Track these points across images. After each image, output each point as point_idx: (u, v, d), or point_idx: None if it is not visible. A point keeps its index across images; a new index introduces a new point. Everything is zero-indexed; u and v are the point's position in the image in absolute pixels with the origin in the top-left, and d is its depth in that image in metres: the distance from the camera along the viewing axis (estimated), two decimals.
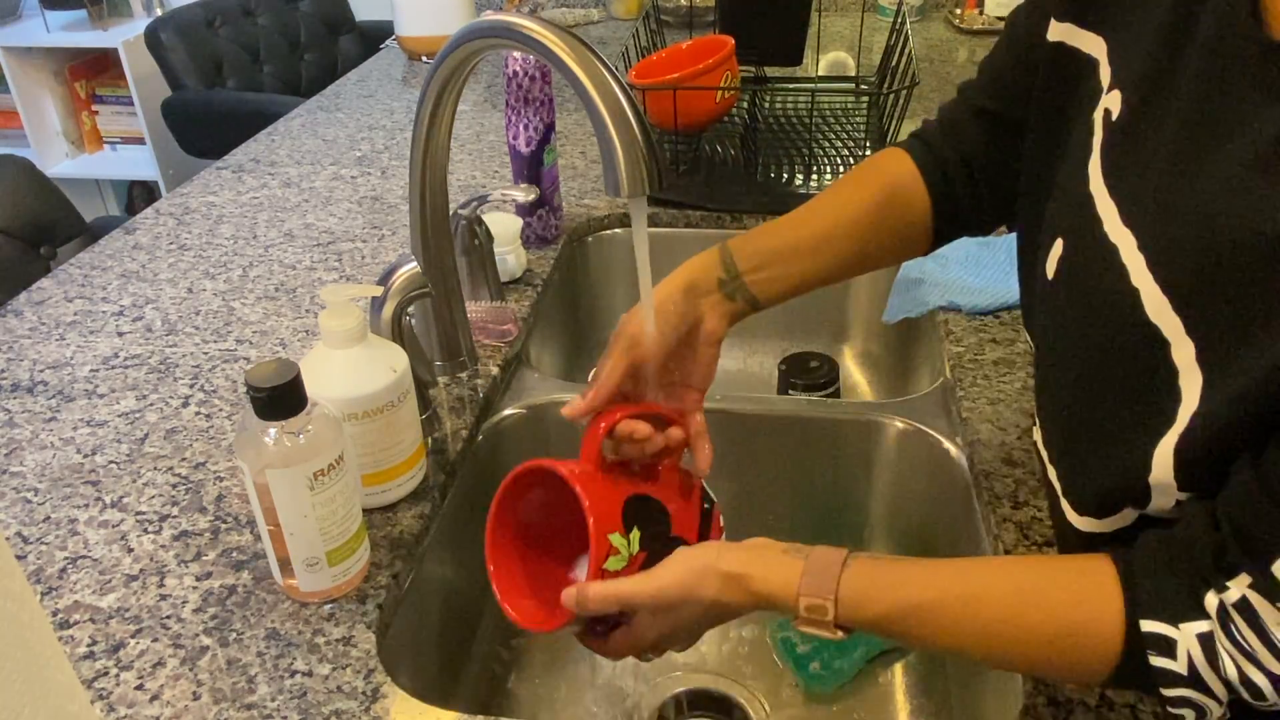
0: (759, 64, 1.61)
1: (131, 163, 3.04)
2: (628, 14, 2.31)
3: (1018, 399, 0.91)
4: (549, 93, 1.13)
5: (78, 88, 2.98)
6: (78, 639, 0.69)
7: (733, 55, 1.31)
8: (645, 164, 0.64)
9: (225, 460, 0.86)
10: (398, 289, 0.84)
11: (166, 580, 0.73)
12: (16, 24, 2.88)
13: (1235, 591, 0.49)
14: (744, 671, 0.95)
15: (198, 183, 1.43)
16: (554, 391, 1.01)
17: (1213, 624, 0.50)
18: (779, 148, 1.43)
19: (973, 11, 2.14)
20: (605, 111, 0.63)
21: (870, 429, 0.98)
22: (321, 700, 0.64)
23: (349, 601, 0.71)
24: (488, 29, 0.71)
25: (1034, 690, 0.64)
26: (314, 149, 1.55)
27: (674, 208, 1.30)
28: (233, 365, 0.99)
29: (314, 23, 2.80)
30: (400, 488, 0.80)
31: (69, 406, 0.93)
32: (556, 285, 1.21)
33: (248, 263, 1.19)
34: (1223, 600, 0.49)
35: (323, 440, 0.65)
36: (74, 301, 1.12)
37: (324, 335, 0.73)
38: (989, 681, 0.76)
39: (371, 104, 1.76)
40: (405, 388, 0.76)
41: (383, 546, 0.77)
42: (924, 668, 0.93)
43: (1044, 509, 0.78)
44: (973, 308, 1.05)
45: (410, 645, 0.78)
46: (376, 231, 1.26)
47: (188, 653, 0.67)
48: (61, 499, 0.82)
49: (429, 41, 2.00)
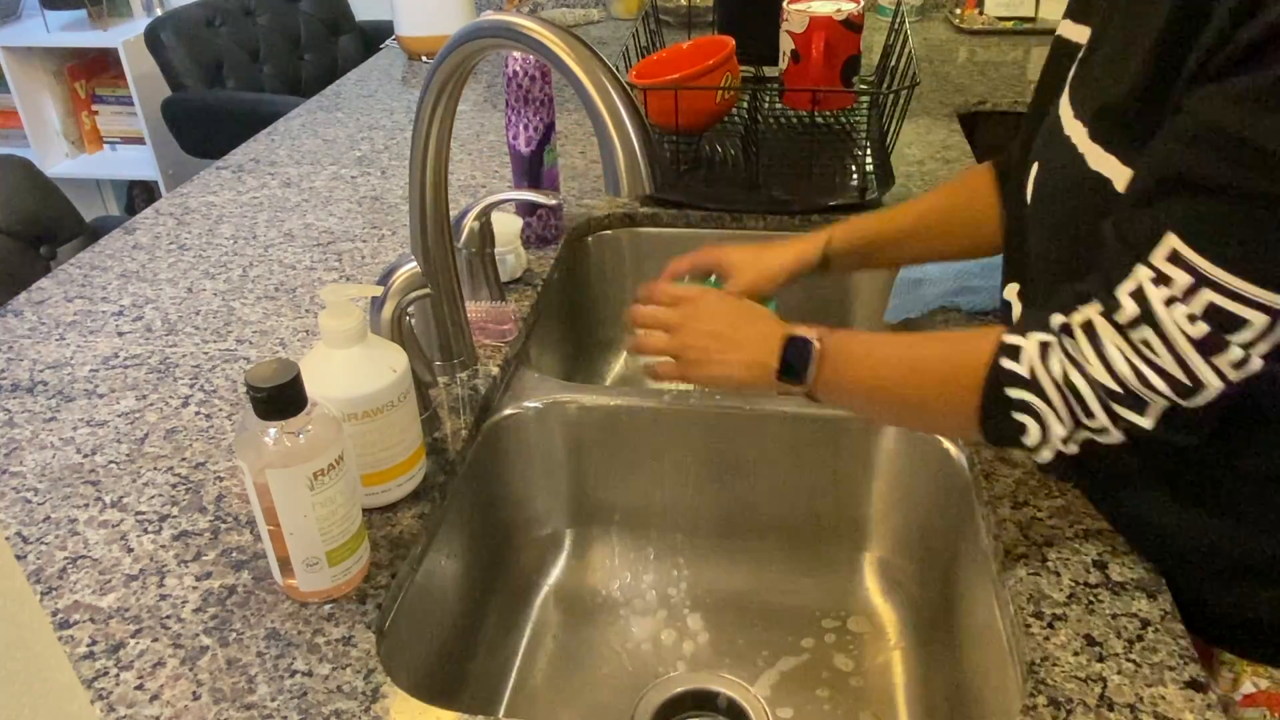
0: (759, 64, 1.61)
1: (131, 163, 3.04)
2: (628, 14, 2.31)
3: None
4: (549, 93, 1.13)
5: (77, 88, 2.98)
6: (78, 639, 0.69)
7: (733, 55, 1.31)
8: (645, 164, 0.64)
9: (225, 460, 0.86)
10: (398, 289, 0.84)
11: (166, 580, 0.73)
12: (16, 24, 2.88)
13: (1081, 315, 0.60)
14: (744, 671, 0.95)
15: (198, 183, 1.43)
16: (554, 391, 1.01)
17: (1053, 336, 0.62)
18: (779, 148, 1.43)
19: (972, 11, 2.13)
20: (605, 111, 0.64)
21: (870, 429, 0.98)
22: (321, 700, 0.64)
23: (349, 601, 0.71)
24: (488, 29, 0.72)
25: (1034, 690, 0.64)
26: (314, 149, 1.55)
27: (674, 208, 1.30)
28: (233, 365, 0.99)
29: (314, 23, 2.80)
30: (400, 488, 0.80)
31: (69, 406, 0.93)
32: (556, 285, 1.21)
33: (248, 263, 1.19)
34: (1068, 321, 0.61)
35: (323, 440, 0.65)
36: (74, 301, 1.12)
37: (324, 335, 0.73)
38: (989, 681, 0.76)
39: (371, 104, 1.76)
40: (405, 388, 0.76)
41: (383, 546, 0.77)
42: (924, 667, 0.93)
43: (1044, 509, 0.79)
44: (973, 308, 1.05)
45: (410, 645, 0.78)
46: (376, 231, 1.26)
47: (188, 653, 0.67)
48: (61, 499, 0.82)
49: (429, 41, 2.00)
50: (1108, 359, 0.59)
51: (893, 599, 1.01)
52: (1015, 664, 0.69)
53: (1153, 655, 0.65)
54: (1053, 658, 0.66)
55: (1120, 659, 0.65)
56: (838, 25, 1.36)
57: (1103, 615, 0.69)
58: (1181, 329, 0.56)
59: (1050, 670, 0.65)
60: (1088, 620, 0.68)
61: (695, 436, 1.00)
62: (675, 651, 0.97)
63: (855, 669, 0.95)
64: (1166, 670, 0.64)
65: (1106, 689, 0.63)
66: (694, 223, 1.30)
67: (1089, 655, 0.66)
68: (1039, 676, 0.65)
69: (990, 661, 0.76)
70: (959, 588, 0.88)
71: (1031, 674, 0.65)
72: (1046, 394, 0.62)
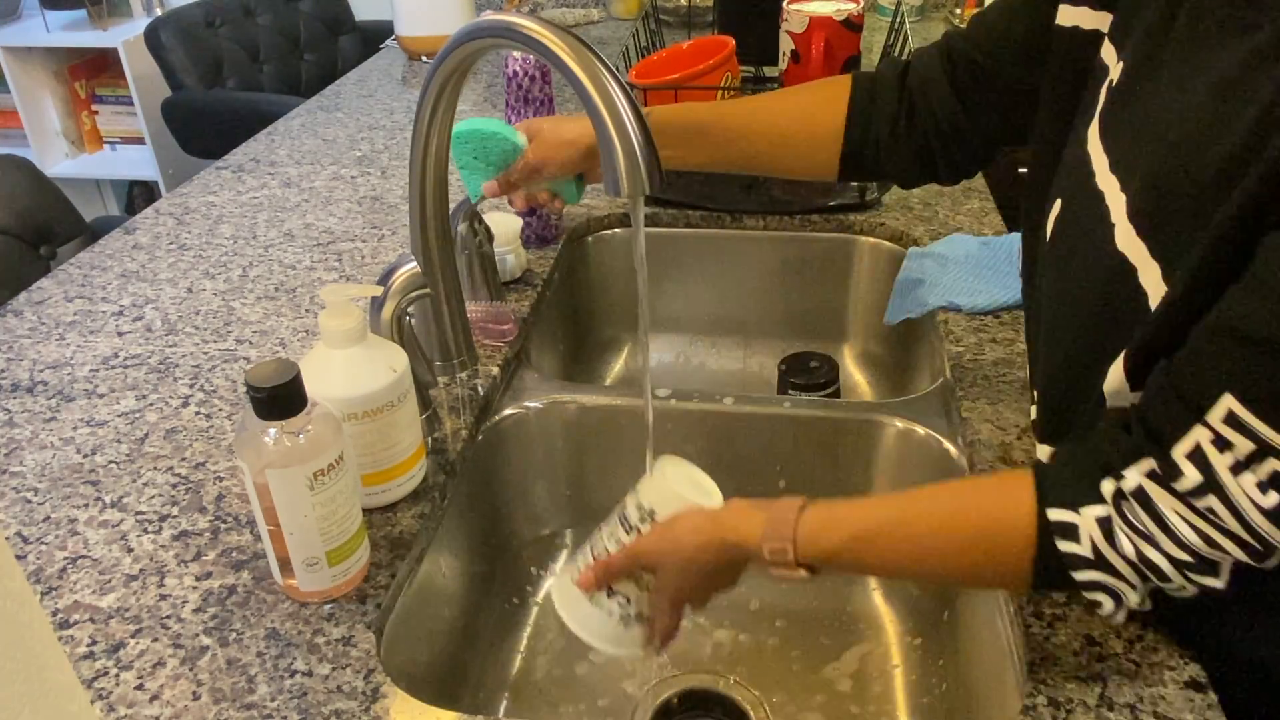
0: (759, 64, 1.61)
1: (131, 163, 3.04)
2: (628, 14, 2.31)
3: (1018, 399, 0.91)
4: (549, 93, 1.13)
5: (77, 87, 2.98)
6: (78, 639, 0.69)
7: (733, 55, 1.31)
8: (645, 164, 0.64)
9: (225, 460, 0.86)
10: (398, 289, 0.84)
11: (166, 580, 0.73)
12: (16, 24, 2.88)
13: (1132, 479, 0.54)
14: (744, 671, 0.95)
15: (198, 183, 1.43)
16: (554, 391, 1.01)
17: (1109, 509, 0.55)
18: None
19: (972, 11, 2.13)
20: (605, 111, 0.63)
21: (870, 429, 0.98)
22: (321, 700, 0.64)
23: (349, 601, 0.71)
24: (488, 29, 0.71)
25: (1034, 690, 0.64)
26: (314, 149, 1.55)
27: (674, 208, 1.30)
28: (233, 365, 0.99)
29: (314, 23, 2.80)
30: (400, 488, 0.80)
31: (69, 406, 0.93)
32: (556, 285, 1.21)
33: (248, 263, 1.19)
34: (1119, 487, 0.54)
35: (323, 440, 0.65)
36: (74, 301, 1.12)
37: (324, 335, 0.73)
38: (989, 681, 0.76)
39: (371, 104, 1.76)
40: (405, 388, 0.76)
41: (383, 546, 0.77)
42: (924, 668, 0.93)
43: None
44: (973, 308, 1.05)
45: (410, 645, 0.78)
46: (376, 231, 1.26)
47: (188, 653, 0.67)
48: (61, 499, 0.82)
49: (429, 41, 2.00)
50: (1173, 530, 0.53)
51: (893, 599, 1.01)
52: (1015, 664, 0.69)
53: (1153, 655, 0.65)
54: (1053, 658, 0.66)
55: (1120, 659, 0.65)
56: (838, 25, 1.36)
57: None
58: (1250, 498, 0.50)
59: (1050, 670, 0.65)
60: (1088, 620, 0.68)
61: (695, 436, 1.00)
62: (675, 651, 0.97)
63: (855, 669, 0.95)
64: (1166, 670, 0.64)
65: (1106, 689, 0.63)
66: (694, 223, 1.30)
67: (1089, 655, 0.66)
68: (1039, 676, 0.64)
69: (990, 661, 0.76)
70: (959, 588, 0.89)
71: (1031, 674, 0.65)
72: (1119, 572, 0.56)
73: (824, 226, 1.28)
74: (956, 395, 0.93)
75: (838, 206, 1.27)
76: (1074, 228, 0.64)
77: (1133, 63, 0.61)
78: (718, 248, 1.31)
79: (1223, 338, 0.50)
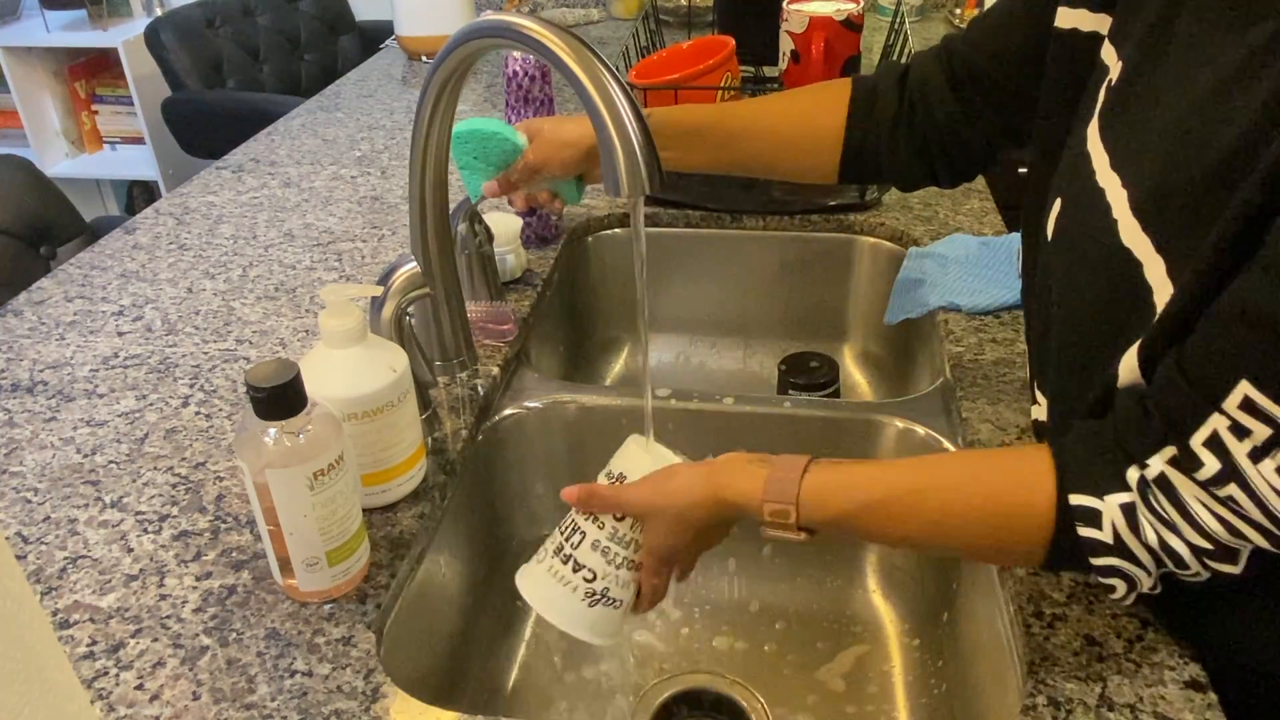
0: (759, 64, 1.61)
1: (131, 163, 3.04)
2: (628, 14, 2.31)
3: (1018, 399, 0.91)
4: (549, 93, 1.13)
5: (77, 87, 2.98)
6: (78, 639, 0.69)
7: (733, 55, 1.31)
8: (645, 164, 0.64)
9: (225, 460, 0.86)
10: (398, 289, 0.84)
11: (166, 580, 0.73)
12: (16, 24, 2.88)
13: (1155, 466, 0.54)
14: (743, 671, 0.95)
15: (197, 183, 1.43)
16: (554, 392, 1.01)
17: (1134, 495, 0.55)
18: None
19: (972, 11, 2.13)
20: (605, 112, 0.63)
21: (870, 429, 0.98)
22: (321, 700, 0.64)
23: (349, 601, 0.71)
24: (488, 29, 0.71)
25: (1034, 690, 0.64)
26: (314, 149, 1.55)
27: (674, 208, 1.30)
28: (233, 365, 0.99)
29: (314, 23, 2.80)
30: (400, 488, 0.80)
31: (69, 406, 0.93)
32: (556, 285, 1.21)
33: (248, 263, 1.19)
34: (1143, 475, 0.54)
35: (323, 440, 0.65)
36: (74, 301, 1.12)
37: (324, 335, 0.73)
38: (989, 681, 0.76)
39: (371, 104, 1.76)
40: (405, 388, 0.76)
41: (383, 546, 0.77)
42: (924, 668, 0.93)
43: None
44: (973, 308, 1.05)
45: (410, 645, 0.78)
46: (376, 231, 1.26)
47: (188, 653, 0.67)
48: (61, 499, 0.82)
49: (429, 41, 2.00)
50: (1196, 518, 0.53)
51: (893, 599, 1.01)
52: (1015, 664, 0.69)
53: (1153, 655, 0.65)
54: (1053, 658, 0.66)
55: (1120, 659, 0.65)
56: (838, 25, 1.36)
57: (1103, 615, 0.69)
58: (1271, 484, 0.50)
59: (1050, 670, 0.65)
60: (1088, 620, 0.68)
61: (696, 436, 1.00)
62: (675, 652, 0.97)
63: (854, 670, 0.95)
64: (1166, 670, 0.64)
65: (1106, 689, 0.63)
66: (694, 223, 1.30)
67: (1089, 655, 0.66)
68: (1039, 676, 0.64)
69: (990, 661, 0.76)
70: (959, 587, 0.89)
71: (1031, 674, 0.65)
72: (1138, 558, 0.56)
73: (824, 226, 1.28)
74: (956, 395, 0.93)
75: (838, 206, 1.27)
76: (1076, 225, 0.64)
77: (1133, 61, 0.61)
78: (718, 248, 1.31)
79: (1235, 323, 0.49)
